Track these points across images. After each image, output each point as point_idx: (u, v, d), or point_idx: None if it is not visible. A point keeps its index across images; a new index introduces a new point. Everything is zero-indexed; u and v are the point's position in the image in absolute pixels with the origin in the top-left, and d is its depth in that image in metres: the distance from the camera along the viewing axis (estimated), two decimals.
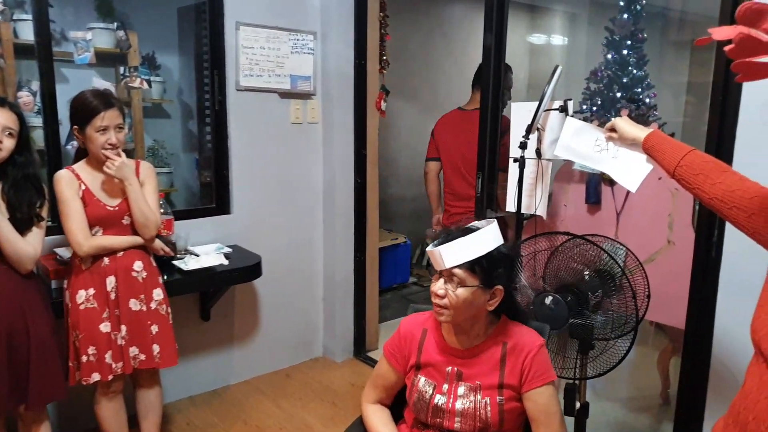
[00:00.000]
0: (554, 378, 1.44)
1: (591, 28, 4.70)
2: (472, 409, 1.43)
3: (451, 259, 1.37)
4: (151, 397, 2.31)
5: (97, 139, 2.03)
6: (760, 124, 1.73)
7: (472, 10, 5.44)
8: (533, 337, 1.47)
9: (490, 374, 1.44)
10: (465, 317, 1.42)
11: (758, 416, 1.04)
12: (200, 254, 2.67)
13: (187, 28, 3.45)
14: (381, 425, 1.58)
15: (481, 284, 1.38)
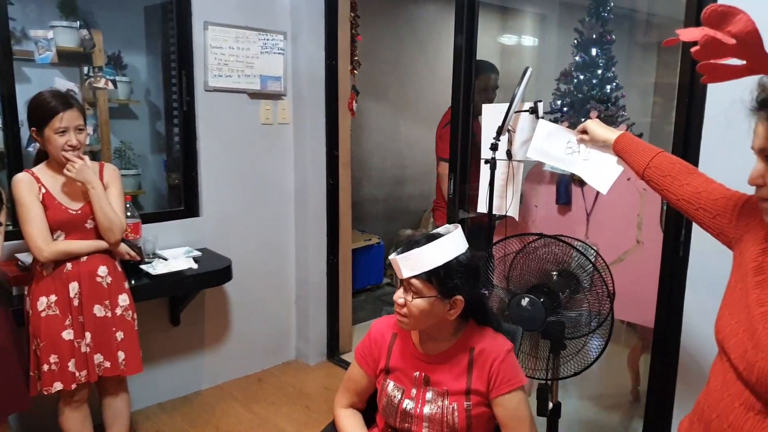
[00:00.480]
0: (523, 383, 1.42)
1: (561, 30, 4.74)
2: (440, 415, 1.42)
3: (407, 269, 1.34)
4: (118, 405, 2.25)
5: (56, 140, 1.97)
6: (725, 124, 1.77)
7: (444, 11, 5.45)
8: (500, 342, 1.45)
9: (458, 380, 1.43)
10: (427, 325, 1.41)
11: (721, 414, 1.06)
12: (169, 258, 2.61)
13: (155, 28, 3.38)
14: (352, 429, 1.56)
15: (438, 295, 1.36)
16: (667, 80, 3.85)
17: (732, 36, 0.89)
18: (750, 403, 1.02)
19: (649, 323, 2.06)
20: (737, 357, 1.04)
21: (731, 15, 0.89)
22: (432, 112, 5.61)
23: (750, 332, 1.02)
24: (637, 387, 2.92)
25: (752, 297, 1.05)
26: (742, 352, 1.03)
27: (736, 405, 1.04)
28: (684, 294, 1.90)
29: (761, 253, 1.09)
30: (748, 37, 0.88)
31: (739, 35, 0.88)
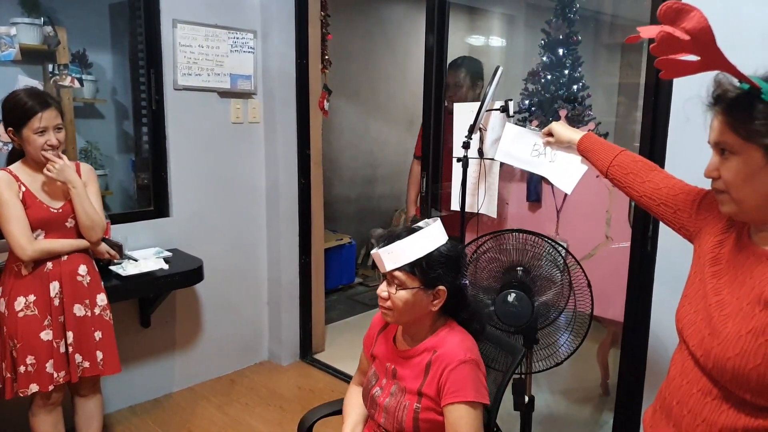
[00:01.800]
0: (470, 398, 1.36)
1: (528, 30, 4.82)
2: (394, 409, 1.44)
3: (390, 261, 1.36)
4: (92, 407, 2.22)
5: (35, 140, 1.93)
6: (684, 120, 1.83)
7: (413, 11, 5.49)
8: (457, 351, 1.40)
9: (415, 379, 1.43)
10: (410, 318, 1.42)
11: (681, 400, 1.10)
12: (139, 259, 2.57)
13: (120, 26, 3.31)
14: (350, 405, 1.63)
15: (422, 285, 1.38)
16: (631, 80, 3.96)
17: (686, 32, 0.92)
18: (707, 389, 1.06)
19: (618, 317, 2.12)
20: (695, 344, 1.08)
21: (685, 12, 0.92)
22: (402, 112, 5.65)
23: (707, 320, 1.07)
24: (606, 381, 2.99)
25: (709, 287, 1.10)
26: (700, 340, 1.07)
27: (695, 391, 1.08)
28: (652, 288, 1.96)
29: (717, 245, 1.13)
30: (701, 34, 0.92)
31: (692, 31, 0.92)
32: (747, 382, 0.99)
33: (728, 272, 1.08)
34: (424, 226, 1.39)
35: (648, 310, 2.00)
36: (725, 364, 1.01)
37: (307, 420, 1.70)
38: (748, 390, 1.00)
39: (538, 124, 2.34)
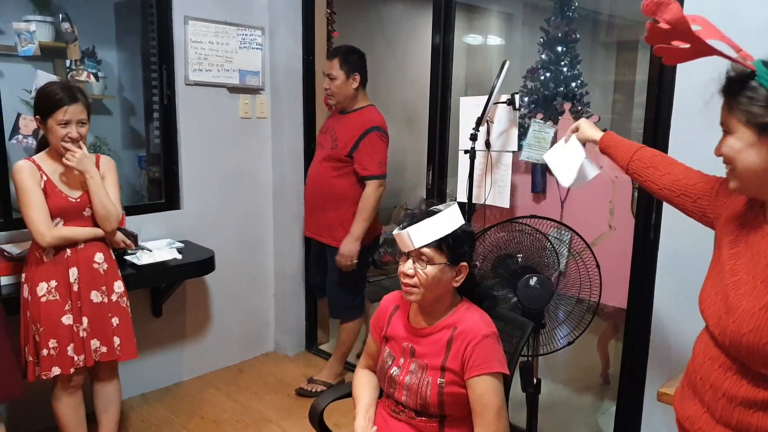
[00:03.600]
0: (495, 370, 1.45)
1: (526, 29, 4.92)
2: (416, 386, 1.51)
3: (419, 239, 1.45)
4: (110, 391, 2.28)
5: (57, 131, 2.01)
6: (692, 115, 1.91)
7: (412, 10, 5.57)
8: (481, 326, 1.49)
9: (437, 356, 1.51)
10: (434, 295, 1.50)
11: (704, 377, 1.18)
12: (153, 249, 2.63)
13: (126, 24, 3.37)
14: (360, 388, 1.69)
15: (448, 261, 1.47)
16: (627, 78, 4.06)
17: (666, 22, 1.02)
18: (727, 365, 1.13)
19: (621, 304, 2.20)
20: (713, 323, 1.15)
21: (665, 5, 1.02)
22: (401, 109, 5.72)
23: (724, 300, 1.13)
24: (606, 370, 3.08)
25: (726, 267, 1.16)
26: (717, 319, 1.14)
27: (716, 367, 1.15)
28: (654, 275, 2.04)
29: (736, 228, 1.21)
30: (678, 23, 1.02)
31: (671, 21, 1.02)
32: (762, 356, 1.05)
33: (746, 253, 1.14)
34: (443, 208, 1.48)
35: (651, 298, 2.07)
36: (740, 341, 1.07)
37: (318, 406, 1.75)
38: (764, 364, 1.06)
39: (542, 117, 2.42)
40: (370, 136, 2.77)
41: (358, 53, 2.81)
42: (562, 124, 2.38)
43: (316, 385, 3.00)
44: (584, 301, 2.12)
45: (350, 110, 2.84)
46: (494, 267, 2.03)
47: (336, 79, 2.75)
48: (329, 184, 2.82)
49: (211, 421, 2.77)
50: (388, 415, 1.60)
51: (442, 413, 1.50)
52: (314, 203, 2.90)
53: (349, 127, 2.79)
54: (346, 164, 2.78)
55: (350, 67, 2.74)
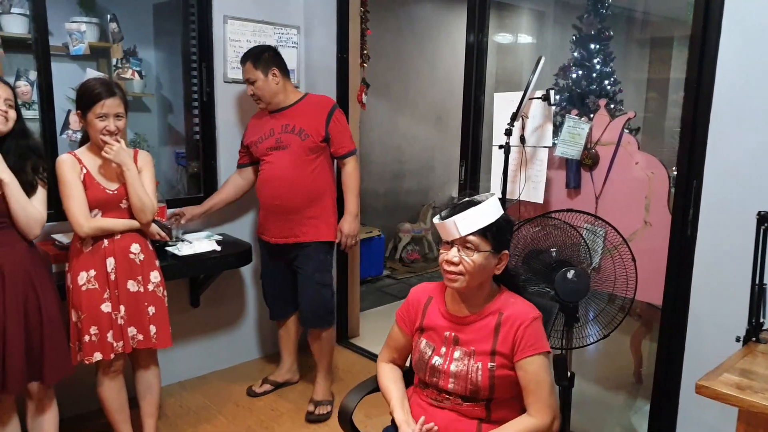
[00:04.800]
0: (546, 349, 1.53)
1: (557, 26, 4.91)
2: (465, 372, 1.55)
3: (466, 226, 1.49)
4: (150, 378, 2.36)
5: (96, 124, 2.09)
6: (731, 114, 1.91)
7: (442, 9, 5.59)
8: (528, 309, 1.57)
9: (484, 341, 1.56)
10: (477, 282, 1.54)
11: None
12: (193, 241, 2.71)
13: (164, 23, 3.47)
14: (390, 382, 1.71)
15: (491, 249, 1.52)
16: (660, 75, 4.02)
17: None
18: None
19: (657, 301, 2.20)
20: None
21: None
22: (430, 108, 5.76)
23: None
24: (639, 369, 3.06)
25: None
26: None
27: None
28: (692, 272, 2.03)
29: None
30: None
31: None
32: None
33: None
34: (483, 199, 1.52)
35: (687, 294, 2.06)
36: None
37: (348, 406, 1.72)
38: None
39: (577, 113, 2.43)
40: (336, 115, 2.75)
41: (268, 50, 2.75)
42: (597, 121, 2.39)
43: (322, 406, 2.82)
44: (618, 297, 2.12)
45: (290, 104, 2.74)
46: (528, 261, 2.05)
47: (256, 80, 2.68)
48: (309, 180, 2.68)
49: (246, 408, 2.85)
50: (428, 405, 1.63)
51: (491, 396, 1.55)
52: (287, 206, 2.69)
53: (308, 114, 2.71)
54: (320, 153, 2.71)
55: (264, 65, 2.68)
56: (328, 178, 2.77)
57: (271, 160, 2.71)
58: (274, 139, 2.70)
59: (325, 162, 2.75)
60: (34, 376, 1.99)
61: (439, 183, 6.00)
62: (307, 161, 2.69)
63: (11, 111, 1.90)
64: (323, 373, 2.88)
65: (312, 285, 2.74)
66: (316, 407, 2.81)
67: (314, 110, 2.72)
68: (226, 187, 2.95)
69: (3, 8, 2.53)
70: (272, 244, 2.79)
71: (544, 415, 1.52)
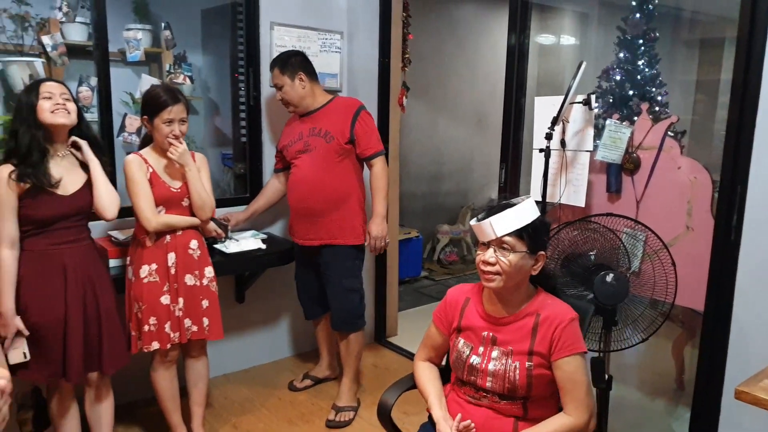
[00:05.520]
0: (583, 350, 1.57)
1: (601, 28, 4.85)
2: (503, 371, 1.59)
3: (502, 228, 1.53)
4: (200, 367, 2.49)
5: (162, 129, 2.22)
6: None
7: (484, 10, 5.60)
8: (565, 310, 1.60)
9: (522, 341, 1.59)
10: (513, 283, 1.58)
11: None
12: (239, 239, 2.82)
13: (212, 29, 3.60)
14: (427, 380, 1.76)
15: (528, 250, 1.55)
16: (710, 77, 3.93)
17: None
18: None
19: (698, 307, 2.18)
20: None
21: None
22: (470, 110, 5.77)
23: None
24: (681, 375, 3.02)
25: None
26: None
27: None
28: (735, 278, 2.01)
29: None
30: None
31: None
32: None
33: None
34: (519, 201, 1.56)
35: (730, 301, 2.04)
36: None
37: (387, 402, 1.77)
38: None
39: (618, 117, 2.43)
40: (362, 116, 2.75)
41: (295, 55, 2.79)
42: (639, 125, 2.38)
43: (344, 413, 2.80)
44: (658, 302, 2.12)
45: (317, 108, 2.78)
46: (567, 264, 2.06)
47: (283, 85, 2.73)
48: (334, 183, 2.71)
49: (287, 401, 2.95)
50: (465, 402, 1.68)
51: (528, 395, 1.58)
52: (313, 208, 2.72)
53: (335, 117, 2.73)
54: (346, 156, 2.72)
55: (291, 70, 2.72)
56: (353, 181, 2.78)
57: (299, 163, 2.76)
58: (302, 142, 2.75)
59: (351, 164, 2.76)
60: (93, 367, 2.13)
61: (478, 185, 6.01)
62: (333, 164, 2.71)
63: (70, 103, 2.03)
64: (349, 378, 2.88)
65: (340, 291, 2.77)
66: (337, 413, 2.79)
67: (340, 112, 2.75)
68: (265, 192, 3.04)
69: (68, 18, 2.69)
70: (300, 246, 2.84)
71: (581, 413, 1.55)
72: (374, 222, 2.76)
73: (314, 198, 2.72)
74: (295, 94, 2.74)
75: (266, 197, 3.02)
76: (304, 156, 2.74)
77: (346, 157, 2.74)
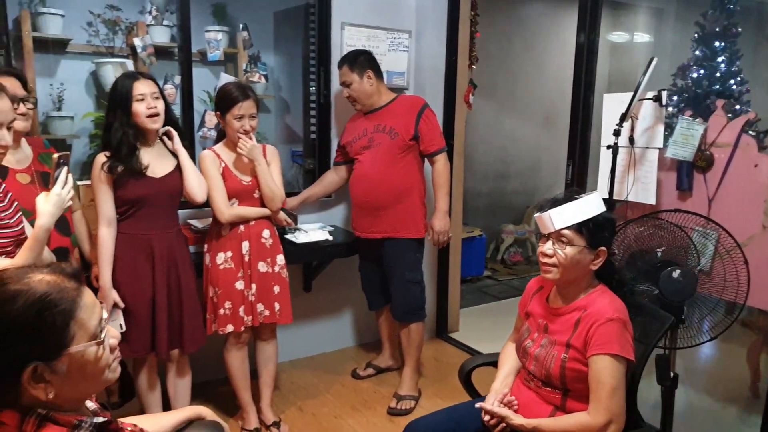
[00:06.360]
0: (614, 352, 1.51)
1: (678, 24, 4.69)
2: (543, 358, 1.63)
3: (560, 221, 1.56)
4: (269, 350, 2.62)
5: (233, 124, 2.36)
6: None
7: (554, 8, 5.52)
8: (607, 309, 1.56)
9: (565, 333, 1.62)
10: (571, 276, 1.60)
11: None
12: (308, 231, 2.95)
13: (283, 30, 3.76)
14: (505, 357, 1.84)
15: (587, 245, 1.56)
16: None
17: None
18: None
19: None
20: None
21: None
22: (537, 108, 5.70)
23: None
24: (756, 383, 2.90)
25: None
26: None
27: None
28: None
29: None
30: None
31: None
32: None
33: None
34: (583, 195, 1.57)
35: None
36: None
37: (466, 366, 1.96)
38: None
39: (691, 114, 2.37)
40: (426, 113, 2.82)
41: (363, 54, 2.86)
42: (713, 122, 2.31)
43: (406, 401, 2.87)
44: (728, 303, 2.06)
45: (382, 105, 2.86)
46: (633, 260, 2.04)
47: (352, 83, 2.82)
48: (396, 178, 2.78)
49: (351, 388, 3.05)
50: (521, 382, 1.74)
51: (565, 387, 1.60)
52: (375, 202, 2.80)
53: (399, 114, 2.81)
54: (408, 152, 2.79)
55: (360, 68, 2.79)
56: (416, 176, 2.85)
57: (362, 159, 2.85)
58: (366, 138, 2.84)
59: (414, 160, 2.84)
60: (175, 345, 2.30)
61: (545, 184, 5.92)
62: (396, 159, 2.79)
63: (159, 102, 2.18)
64: (410, 368, 2.94)
65: (402, 282, 2.84)
66: (399, 402, 2.86)
67: (405, 110, 2.83)
68: (322, 182, 3.16)
69: (156, 21, 2.90)
70: (363, 239, 2.92)
71: (598, 415, 1.52)
72: (436, 217, 2.84)
73: (377, 192, 2.80)
74: (362, 92, 2.83)
75: (322, 186, 3.14)
76: (367, 152, 2.84)
77: (409, 153, 2.82)
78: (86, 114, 3.07)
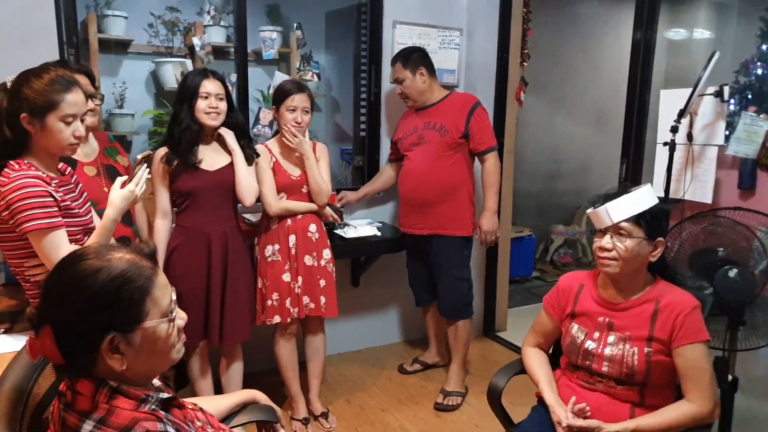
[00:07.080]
0: (706, 338, 1.54)
1: (742, 20, 4.50)
2: (620, 357, 1.59)
3: (618, 214, 1.54)
4: (317, 343, 2.67)
5: (286, 116, 2.43)
6: None
7: (609, 6, 5.39)
8: (687, 298, 1.58)
9: (641, 327, 1.59)
10: (631, 268, 1.57)
11: None
12: (356, 226, 3.00)
13: (335, 30, 3.82)
14: (538, 365, 1.79)
15: (645, 236, 1.54)
16: None
17: None
18: None
19: None
20: None
21: None
22: (590, 107, 5.58)
23: None
24: None
25: None
26: None
27: None
28: None
29: None
30: None
31: None
32: None
33: None
34: (634, 188, 1.55)
35: None
36: None
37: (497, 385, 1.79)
38: None
39: (756, 110, 2.28)
40: (478, 111, 2.80)
41: (416, 51, 2.87)
42: None
43: (452, 397, 2.87)
44: None
45: (434, 102, 2.87)
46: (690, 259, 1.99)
47: (405, 80, 2.82)
48: (445, 175, 2.78)
49: (397, 383, 3.08)
50: (578, 387, 1.69)
51: (646, 381, 1.58)
52: (423, 198, 2.82)
53: (450, 112, 2.80)
54: (458, 149, 2.79)
55: (413, 64, 2.80)
56: (464, 174, 2.85)
57: (411, 155, 2.87)
58: (416, 135, 2.85)
59: (463, 158, 2.83)
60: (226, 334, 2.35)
61: (596, 185, 5.78)
62: (445, 156, 2.79)
63: (222, 103, 2.26)
64: (457, 364, 2.95)
65: (449, 279, 2.85)
66: (445, 397, 2.87)
67: (456, 107, 2.83)
68: (380, 177, 3.20)
69: (213, 21, 3.01)
70: (410, 235, 2.93)
71: (706, 401, 1.52)
72: (485, 216, 2.83)
73: (425, 189, 2.81)
74: (415, 89, 2.85)
75: (381, 182, 3.18)
76: (417, 149, 2.85)
77: (459, 150, 2.81)
78: (146, 112, 3.22)
